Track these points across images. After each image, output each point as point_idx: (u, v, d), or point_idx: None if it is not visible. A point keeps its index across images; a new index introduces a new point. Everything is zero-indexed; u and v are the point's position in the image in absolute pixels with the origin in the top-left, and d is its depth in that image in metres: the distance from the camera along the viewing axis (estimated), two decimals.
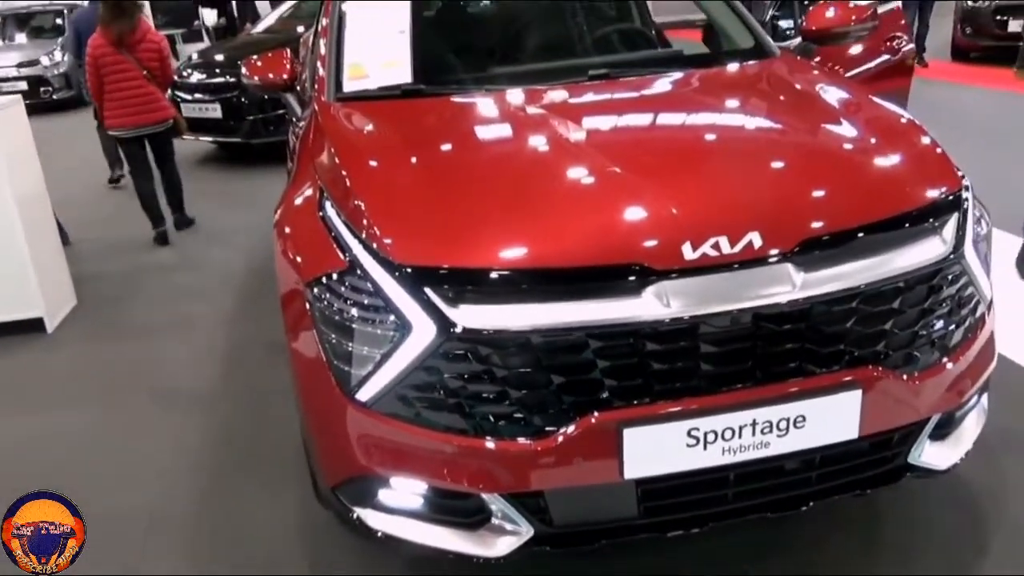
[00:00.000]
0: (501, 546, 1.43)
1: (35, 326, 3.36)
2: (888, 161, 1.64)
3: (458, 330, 1.31)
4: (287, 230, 1.76)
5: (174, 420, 2.57)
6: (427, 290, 1.34)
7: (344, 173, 1.68)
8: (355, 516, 1.52)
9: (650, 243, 1.39)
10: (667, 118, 1.95)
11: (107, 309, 3.60)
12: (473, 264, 1.36)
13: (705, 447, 1.36)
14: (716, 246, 1.36)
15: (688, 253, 1.36)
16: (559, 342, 1.33)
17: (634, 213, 1.46)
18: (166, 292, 3.72)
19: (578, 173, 1.61)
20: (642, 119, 1.95)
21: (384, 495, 1.49)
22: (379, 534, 1.49)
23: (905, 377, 1.43)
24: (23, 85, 9.14)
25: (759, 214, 1.42)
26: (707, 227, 1.39)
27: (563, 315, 1.32)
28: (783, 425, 1.37)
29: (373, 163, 1.77)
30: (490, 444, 1.36)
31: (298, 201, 1.80)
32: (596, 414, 1.34)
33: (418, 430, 1.39)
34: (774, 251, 1.36)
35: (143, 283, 3.86)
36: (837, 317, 1.39)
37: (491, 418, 1.37)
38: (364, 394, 1.40)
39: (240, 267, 3.87)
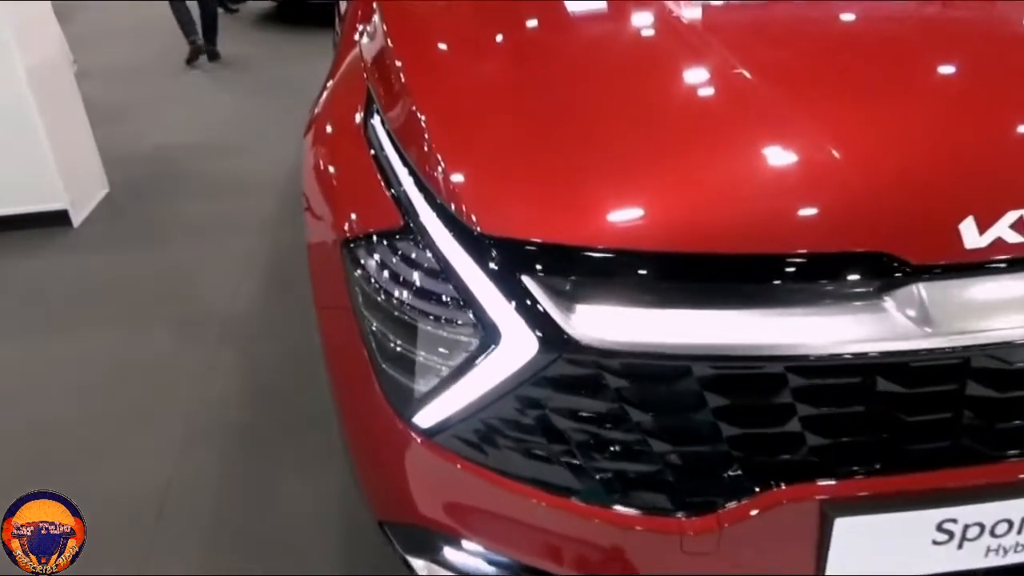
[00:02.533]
0: None
1: (60, 219, 3.05)
2: None
3: (575, 345, 0.87)
4: (320, 148, 1.30)
5: (200, 358, 2.23)
6: (528, 280, 0.89)
7: (402, 74, 1.18)
8: (404, 557, 1.14)
9: (902, 222, 0.87)
10: (911, 39, 1.29)
11: (143, 199, 3.28)
12: (606, 244, 0.88)
13: (961, 545, 0.91)
14: (1021, 226, 0.82)
15: (971, 237, 0.84)
16: (740, 375, 0.88)
17: (868, 172, 0.91)
18: (210, 180, 3.38)
19: (770, 106, 1.04)
20: (869, 37, 1.30)
21: (450, 553, 1.08)
22: None
23: None
24: None
25: None
26: (1002, 197, 0.86)
27: (750, 333, 0.86)
28: None
29: (448, 67, 1.26)
30: (614, 516, 0.93)
31: (336, 103, 1.34)
32: (787, 487, 0.90)
33: (504, 482, 0.97)
34: None
35: (185, 167, 3.52)
36: None
37: (618, 478, 0.93)
38: (425, 419, 0.99)
39: (291, 151, 3.45)
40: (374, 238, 1.04)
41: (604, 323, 0.88)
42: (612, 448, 0.92)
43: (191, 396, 2.08)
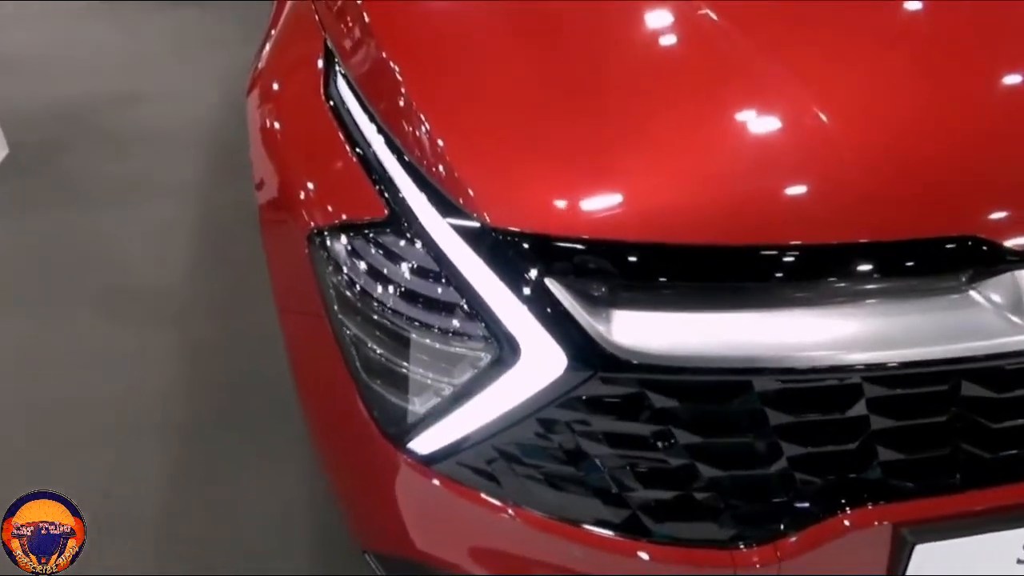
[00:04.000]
0: None
1: None
2: None
3: (613, 360, 0.76)
4: (270, 111, 1.14)
5: (129, 343, 2.01)
6: (554, 284, 0.77)
7: (374, 25, 1.01)
8: None
9: (992, 200, 0.77)
10: None
11: (48, 160, 2.96)
12: (653, 238, 0.76)
13: None
14: None
15: None
16: (807, 388, 0.78)
17: (953, 146, 0.81)
18: (121, 135, 3.07)
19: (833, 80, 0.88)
20: None
21: None
22: None
23: None
24: None
25: None
26: None
27: (823, 340, 0.75)
28: None
29: (437, 12, 1.09)
30: (657, 551, 0.83)
31: (284, 57, 1.19)
32: (857, 510, 0.81)
33: (522, 515, 0.85)
34: None
35: (92, 122, 3.19)
36: None
37: (661, 508, 0.83)
38: (423, 444, 0.87)
39: (213, 97, 3.17)
40: (351, 230, 0.89)
41: (648, 333, 0.76)
42: (655, 475, 0.81)
43: (122, 385, 1.88)
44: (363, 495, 0.99)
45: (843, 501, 0.80)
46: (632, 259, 0.75)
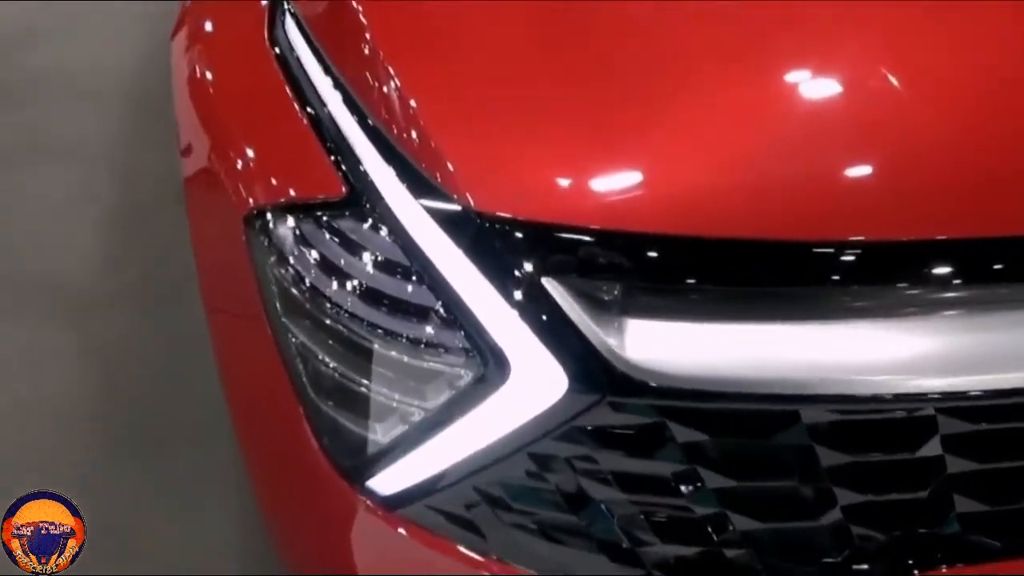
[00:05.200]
0: None
1: None
2: None
3: (627, 381, 0.79)
4: (201, 57, 1.20)
5: (14, 346, 2.04)
6: (554, 285, 0.80)
7: None
8: None
9: None
10: None
11: None
12: (669, 228, 0.79)
13: None
14: None
15: None
16: (870, 421, 0.81)
17: None
18: (16, 81, 3.10)
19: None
20: None
21: None
22: None
23: None
24: None
25: None
26: None
27: (892, 360, 0.78)
28: None
29: None
30: None
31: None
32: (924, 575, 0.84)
33: (508, 572, 0.89)
34: None
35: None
36: None
37: (682, 568, 0.86)
38: (387, 482, 0.89)
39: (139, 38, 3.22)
40: (300, 212, 0.92)
41: (671, 348, 0.78)
42: (676, 527, 0.84)
43: (13, 394, 1.93)
44: (310, 545, 1.02)
45: (911, 562, 0.83)
46: (654, 255, 0.77)
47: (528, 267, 0.78)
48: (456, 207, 0.81)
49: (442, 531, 0.88)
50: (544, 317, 0.78)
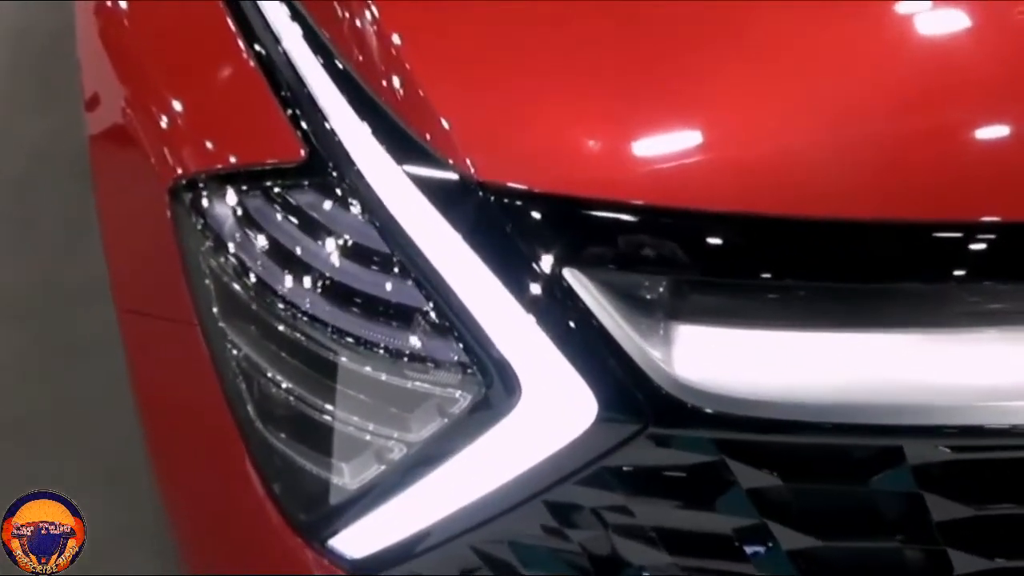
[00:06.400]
0: None
1: None
2: None
3: (675, 405, 0.81)
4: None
5: None
6: (578, 279, 0.81)
7: None
8: None
9: None
10: None
11: None
12: (735, 206, 0.81)
13: None
14: None
15: None
16: (999, 459, 0.84)
17: None
18: None
19: None
20: None
21: None
22: None
23: None
24: None
25: None
26: None
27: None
28: None
29: None
30: None
31: None
32: None
33: None
34: None
35: None
36: None
37: None
38: (356, 541, 0.93)
39: None
40: (244, 182, 0.93)
41: (733, 363, 0.80)
42: None
43: None
44: None
45: None
46: (717, 239, 0.79)
47: (546, 255, 0.80)
48: (452, 176, 0.82)
49: None
50: (567, 321, 0.80)
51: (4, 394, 2.06)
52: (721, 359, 0.80)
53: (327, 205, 0.89)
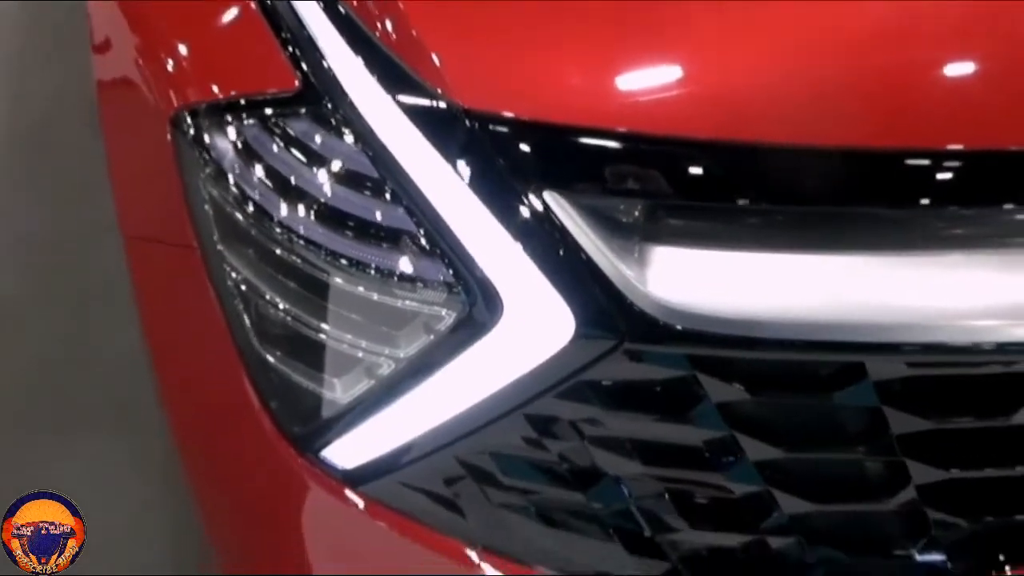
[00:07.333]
0: None
1: None
2: None
3: (649, 323, 0.82)
4: None
5: None
6: (559, 202, 0.82)
7: None
8: None
9: None
10: None
11: None
12: (714, 133, 0.82)
13: None
14: None
15: None
16: (957, 375, 0.86)
17: None
18: None
19: None
20: None
21: None
22: None
23: None
24: None
25: None
26: None
27: (988, 297, 0.83)
28: None
29: None
30: None
31: None
32: (1018, 571, 0.88)
33: (507, 567, 0.94)
34: None
35: None
36: None
37: (715, 560, 0.90)
38: (348, 452, 0.94)
39: None
40: (242, 112, 0.94)
41: (706, 282, 0.81)
42: (710, 510, 0.88)
43: None
44: (251, 532, 1.07)
45: (1002, 557, 0.86)
46: (688, 165, 0.80)
47: (529, 180, 0.81)
48: (440, 105, 0.83)
49: (416, 513, 0.91)
50: (547, 243, 0.81)
51: (19, 332, 2.07)
52: (693, 279, 0.81)
53: (321, 133, 0.90)
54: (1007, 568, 0.86)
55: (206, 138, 0.95)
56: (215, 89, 0.98)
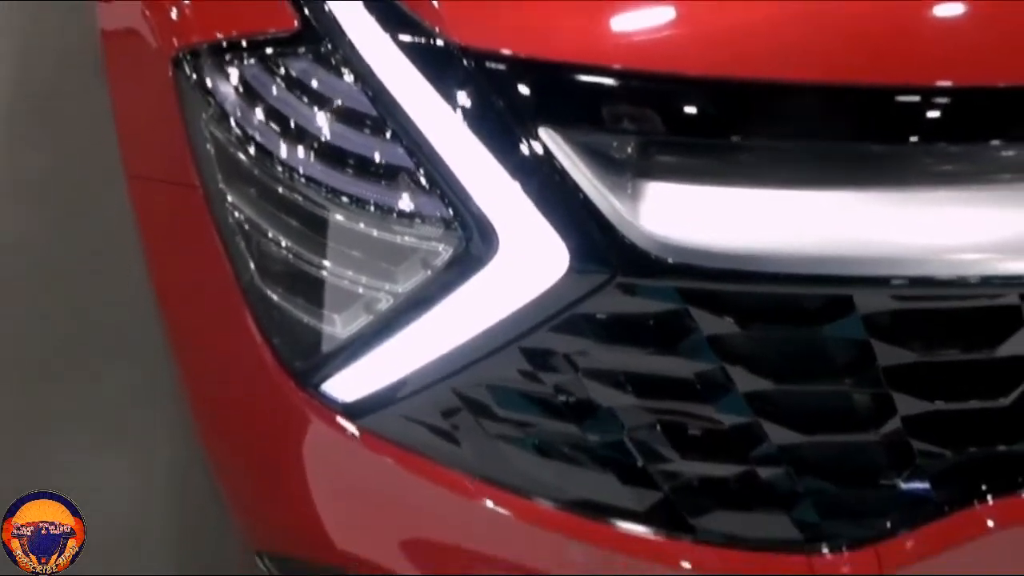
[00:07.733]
0: None
1: None
2: None
3: (641, 256, 0.82)
4: None
5: None
6: (549, 135, 0.82)
7: None
8: None
9: None
10: None
11: None
12: (704, 70, 0.81)
13: None
14: None
15: None
16: (942, 309, 0.86)
17: None
18: None
19: None
20: None
21: None
22: None
23: None
24: None
25: None
26: None
27: (974, 232, 0.82)
28: None
29: None
30: (705, 555, 0.93)
31: None
32: (1000, 500, 0.90)
33: (501, 498, 0.94)
34: None
35: None
36: None
37: (708, 492, 0.91)
38: (347, 386, 0.94)
39: None
40: (242, 52, 0.93)
41: (697, 217, 0.81)
42: (700, 441, 0.88)
43: None
44: (254, 466, 1.07)
45: (984, 487, 0.86)
46: (683, 100, 0.80)
47: (524, 116, 0.81)
48: (437, 43, 0.83)
49: (413, 445, 0.92)
50: (542, 179, 0.81)
51: (33, 267, 2.06)
52: (684, 214, 0.80)
53: (321, 73, 0.89)
54: (989, 497, 0.86)
55: (207, 78, 0.95)
56: (215, 29, 0.96)
